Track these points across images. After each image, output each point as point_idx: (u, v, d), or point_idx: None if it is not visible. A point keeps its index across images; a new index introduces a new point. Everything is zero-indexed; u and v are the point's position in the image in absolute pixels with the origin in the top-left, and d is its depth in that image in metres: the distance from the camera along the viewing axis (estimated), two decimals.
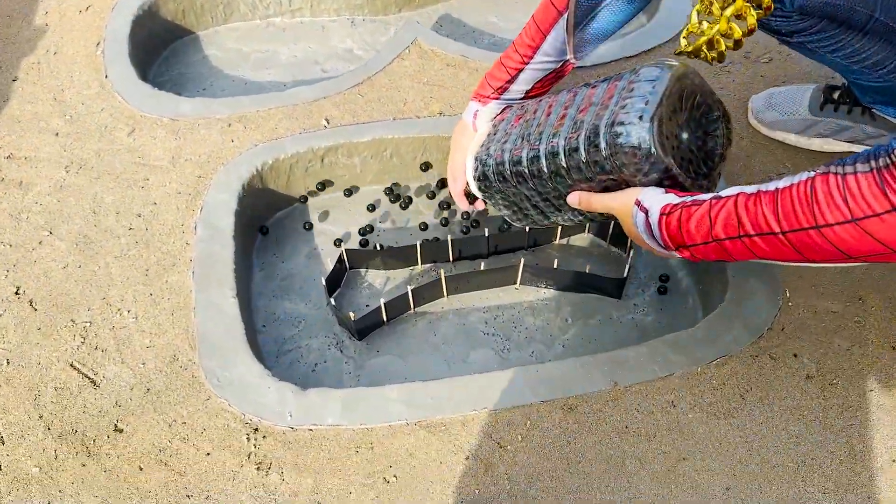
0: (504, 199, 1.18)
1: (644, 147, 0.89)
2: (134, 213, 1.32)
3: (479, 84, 1.22)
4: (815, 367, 1.11)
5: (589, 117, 0.97)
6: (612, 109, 0.94)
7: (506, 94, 1.19)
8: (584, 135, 0.96)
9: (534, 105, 1.14)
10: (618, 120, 0.91)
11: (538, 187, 1.08)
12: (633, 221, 0.92)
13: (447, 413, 1.07)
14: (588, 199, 1.00)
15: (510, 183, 1.11)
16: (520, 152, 1.07)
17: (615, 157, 0.92)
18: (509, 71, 1.17)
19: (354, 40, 1.83)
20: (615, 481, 1.01)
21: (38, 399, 1.09)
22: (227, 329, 1.16)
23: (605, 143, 0.92)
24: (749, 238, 0.81)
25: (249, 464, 1.03)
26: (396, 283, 1.40)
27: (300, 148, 1.42)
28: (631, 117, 0.90)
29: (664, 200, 0.89)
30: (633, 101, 0.92)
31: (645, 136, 0.89)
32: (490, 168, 1.14)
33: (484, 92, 1.21)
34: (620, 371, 1.11)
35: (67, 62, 1.59)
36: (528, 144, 1.06)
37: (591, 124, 0.95)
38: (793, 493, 1.00)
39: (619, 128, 0.91)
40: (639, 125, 0.89)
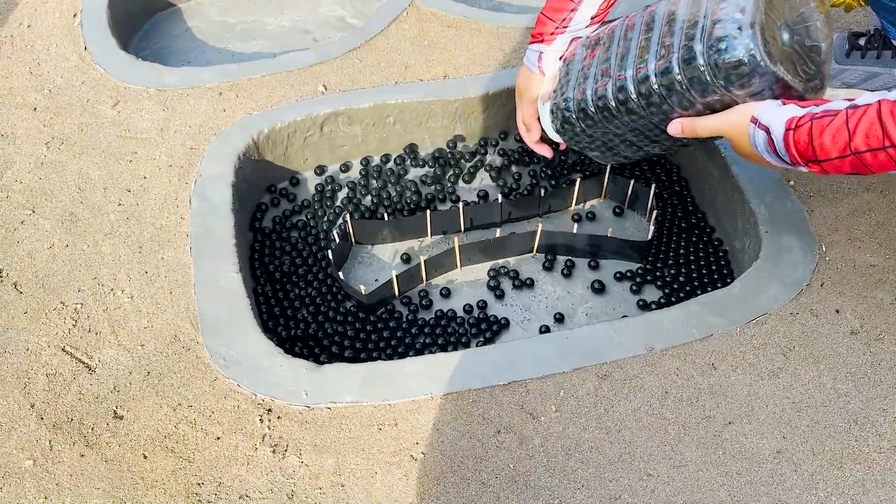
0: (591, 141, 1.09)
1: (751, 59, 0.81)
2: (123, 188, 1.23)
3: (537, 22, 1.11)
4: (858, 322, 1.05)
5: (678, 36, 0.88)
6: (703, 24, 0.85)
7: (572, 25, 1.08)
8: (677, 56, 0.87)
9: (606, 32, 1.04)
10: (715, 34, 0.83)
11: (630, 121, 0.99)
12: (752, 141, 0.85)
13: (474, 385, 1.00)
14: (692, 125, 0.92)
15: (597, 122, 1.03)
16: (604, 87, 0.98)
17: (719, 75, 0.84)
18: None
19: (345, 7, 1.74)
20: (658, 449, 0.94)
21: (28, 387, 1.00)
22: (231, 305, 1.08)
23: (705, 62, 0.84)
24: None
25: (264, 447, 0.95)
26: (406, 255, 1.33)
27: (297, 115, 1.33)
28: (729, 28, 0.82)
29: (786, 114, 0.82)
30: (726, 10, 0.83)
31: (750, 46, 0.81)
32: (572, 111, 1.05)
33: (545, 29, 1.09)
34: (655, 335, 1.04)
35: (43, 35, 1.49)
36: (612, 76, 0.97)
37: (684, 43, 0.87)
38: (847, 453, 0.94)
39: (719, 43, 0.82)
40: (741, 36, 0.81)
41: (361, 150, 1.42)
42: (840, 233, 1.14)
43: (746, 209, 1.18)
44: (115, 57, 1.44)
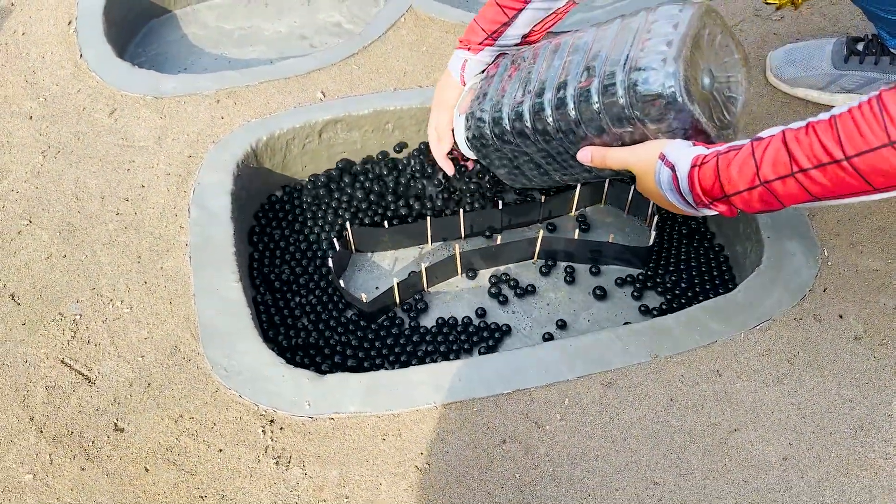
0: (500, 159, 1.06)
1: (669, 94, 0.80)
2: (120, 196, 1.22)
3: (468, 29, 1.08)
4: (862, 327, 1.05)
5: (601, 62, 0.87)
6: (628, 53, 0.84)
7: (501, 40, 1.06)
8: (597, 82, 0.86)
9: (532, 51, 1.02)
10: (638, 65, 0.82)
11: (542, 144, 0.97)
12: (656, 179, 0.84)
13: (479, 394, 0.99)
14: (602, 155, 0.90)
15: (510, 141, 1.00)
16: (521, 105, 0.96)
17: (636, 106, 0.83)
18: (506, 11, 1.04)
19: (342, 13, 1.73)
20: (664, 458, 0.94)
21: (27, 400, 0.99)
22: (232, 315, 1.07)
23: (624, 92, 0.83)
24: (804, 173, 0.74)
25: (267, 458, 0.94)
26: (406, 262, 1.32)
27: (296, 123, 1.32)
28: (653, 61, 0.81)
29: (693, 152, 0.81)
30: (653, 43, 0.83)
31: (670, 81, 0.80)
32: (486, 125, 1.01)
33: (474, 38, 1.07)
34: (659, 342, 1.04)
35: (38, 43, 1.48)
36: (530, 95, 0.95)
37: (606, 70, 0.85)
38: (853, 459, 0.94)
39: (640, 73, 0.81)
40: (662, 70, 0.80)
41: (360, 157, 1.41)
42: (842, 237, 1.14)
43: (747, 214, 1.18)
44: (111, 64, 1.42)
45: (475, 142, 1.05)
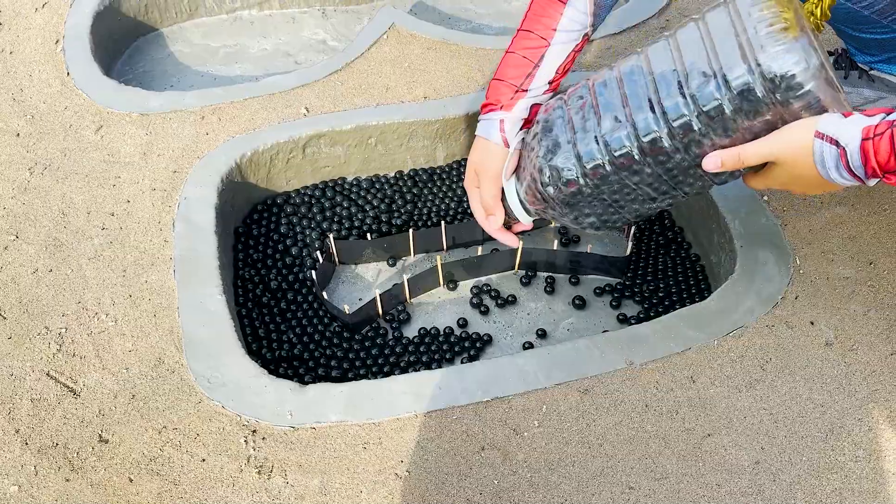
0: (592, 206, 0.94)
1: (813, 64, 0.74)
2: (106, 212, 1.23)
3: (491, 91, 1.01)
4: (833, 333, 1.07)
5: (705, 65, 0.80)
6: (738, 44, 0.77)
7: (532, 88, 0.99)
8: (716, 83, 0.78)
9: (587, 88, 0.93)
10: (764, 47, 0.75)
11: (653, 167, 0.86)
12: (817, 160, 0.77)
13: (458, 402, 1.01)
14: (736, 155, 0.81)
15: (612, 179, 0.89)
16: (616, 135, 0.86)
17: (777, 90, 0.75)
18: (530, 58, 0.98)
19: (327, 31, 1.76)
20: (640, 462, 0.96)
21: (12, 413, 1.00)
22: (216, 328, 1.09)
23: (758, 79, 0.76)
24: None
25: (249, 468, 0.96)
26: (389, 274, 1.34)
27: (280, 138, 1.35)
28: (778, 39, 0.75)
29: (859, 124, 0.74)
30: (765, 26, 0.76)
31: (808, 53, 0.74)
32: (574, 171, 0.90)
33: (503, 95, 0.99)
34: (635, 349, 1.06)
35: (25, 61, 1.50)
36: (623, 123, 0.86)
37: (721, 68, 0.78)
38: (824, 462, 0.96)
39: (774, 56, 0.75)
40: (794, 44, 0.74)
41: (344, 171, 1.43)
42: (813, 246, 1.17)
43: (721, 224, 1.21)
44: (97, 82, 1.45)
45: (563, 199, 0.93)
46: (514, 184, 0.99)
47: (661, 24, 1.57)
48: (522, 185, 0.98)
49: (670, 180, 0.89)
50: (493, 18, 1.82)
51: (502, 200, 1.01)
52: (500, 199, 1.01)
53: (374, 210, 1.37)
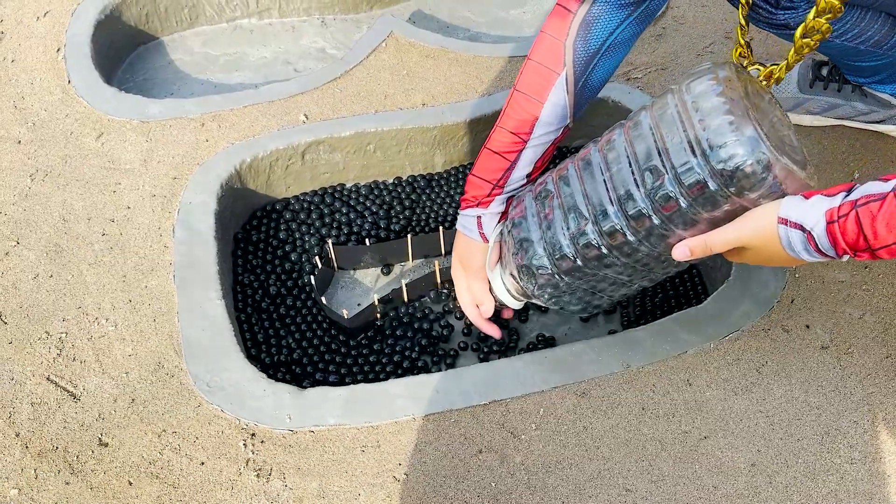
0: (572, 294, 0.98)
1: (762, 157, 0.75)
2: (106, 218, 1.24)
3: (469, 185, 1.03)
4: (828, 336, 1.08)
5: (659, 160, 0.81)
6: (687, 138, 0.79)
7: (508, 185, 1.01)
8: (668, 179, 0.80)
9: (553, 177, 0.96)
10: (712, 143, 0.76)
11: (624, 259, 0.90)
12: (785, 244, 0.77)
13: (456, 405, 1.02)
14: (702, 244, 0.82)
15: (587, 271, 0.92)
16: (583, 233, 0.89)
17: (730, 184, 0.76)
18: (506, 157, 0.99)
19: (326, 39, 1.78)
20: (636, 465, 0.96)
21: (13, 416, 1.01)
22: (215, 332, 1.09)
23: (709, 175, 0.77)
24: None
25: (248, 471, 0.96)
26: (387, 279, 1.35)
27: (279, 144, 1.36)
28: (726, 133, 0.75)
29: (820, 207, 0.74)
30: (711, 117, 0.77)
31: (757, 145, 0.75)
32: (548, 269, 0.94)
33: (479, 193, 1.02)
34: (632, 352, 1.06)
35: (27, 69, 1.51)
36: (589, 220, 0.89)
37: (673, 164, 0.80)
38: (819, 465, 0.96)
39: (721, 150, 0.75)
40: (743, 137, 0.75)
41: (342, 178, 1.44)
42: None
43: None
44: (98, 90, 1.46)
45: (543, 291, 0.98)
46: (498, 273, 1.04)
47: (657, 32, 1.59)
48: (506, 274, 1.03)
49: (643, 268, 0.91)
50: (491, 27, 1.83)
51: (490, 290, 1.06)
52: (488, 290, 1.06)
53: (372, 216, 1.38)
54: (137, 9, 1.70)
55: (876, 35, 1.07)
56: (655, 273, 0.94)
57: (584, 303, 1.01)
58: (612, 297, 1.00)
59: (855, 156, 1.30)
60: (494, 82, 1.48)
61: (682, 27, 1.60)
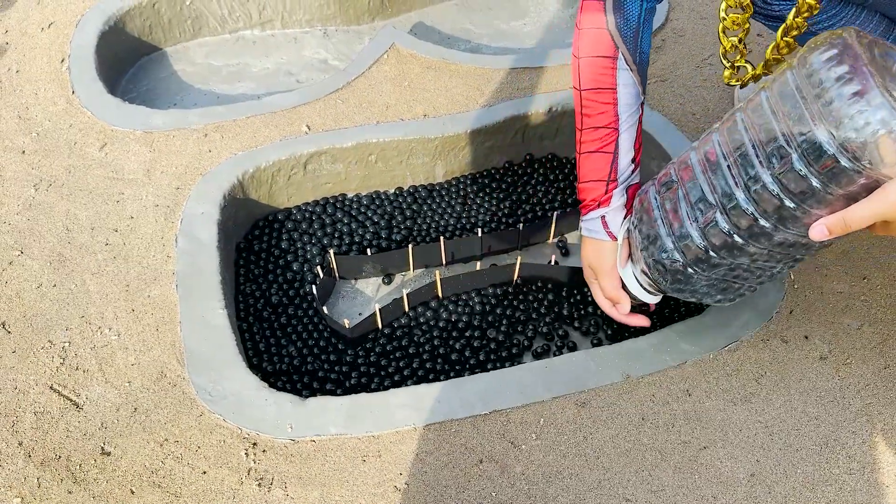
0: (709, 287, 0.96)
1: (893, 124, 0.70)
2: (110, 227, 1.25)
3: (582, 193, 1.04)
4: (827, 347, 1.09)
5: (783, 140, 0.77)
6: (809, 115, 0.75)
7: (621, 176, 1.02)
8: (796, 157, 0.76)
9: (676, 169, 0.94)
10: (838, 116, 0.72)
11: (759, 246, 0.85)
12: None
13: (457, 415, 1.02)
14: (841, 221, 0.77)
15: (719, 263, 0.89)
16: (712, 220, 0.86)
17: (862, 157, 0.72)
18: (606, 151, 1.01)
19: (328, 50, 1.79)
20: (636, 475, 0.97)
21: (16, 425, 1.01)
22: (217, 342, 1.10)
23: (838, 150, 0.73)
24: None
25: (250, 480, 0.97)
26: (389, 289, 1.36)
27: (282, 155, 1.37)
28: (851, 104, 0.71)
29: None
30: (836, 89, 0.72)
31: (884, 113, 0.70)
32: (680, 262, 0.92)
33: (596, 193, 1.03)
34: (631, 362, 1.07)
35: (31, 80, 1.52)
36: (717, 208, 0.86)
37: (799, 143, 0.76)
38: (818, 475, 0.97)
39: (849, 123, 0.71)
40: (871, 108, 0.71)
41: (344, 188, 1.45)
42: (807, 261, 1.18)
43: None
44: (102, 100, 1.47)
45: (676, 284, 0.96)
46: (630, 270, 1.02)
47: (656, 44, 1.60)
48: (637, 270, 1.01)
49: (781, 252, 0.86)
50: (492, 39, 1.85)
51: (624, 288, 1.04)
52: (622, 288, 1.05)
53: (374, 226, 1.39)
54: (141, 20, 1.71)
55: (874, 32, 1.08)
56: (796, 256, 0.89)
57: (721, 293, 0.97)
58: (753, 284, 0.95)
59: None
60: (495, 93, 1.49)
61: (681, 39, 1.61)
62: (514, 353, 1.23)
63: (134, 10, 1.68)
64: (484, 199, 1.45)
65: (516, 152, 1.51)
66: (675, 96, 1.48)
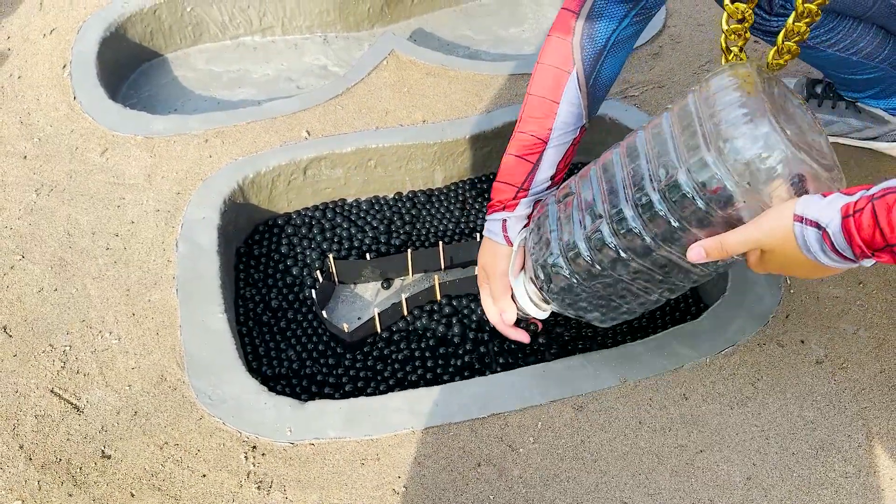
0: (590, 301, 0.96)
1: (774, 147, 0.72)
2: (111, 232, 1.26)
3: (494, 191, 1.05)
4: (823, 351, 1.10)
5: (675, 156, 0.79)
6: (702, 133, 0.77)
7: (533, 186, 1.02)
8: (683, 174, 0.77)
9: (576, 180, 0.96)
10: (725, 136, 0.74)
11: (638, 262, 0.87)
12: (800, 244, 0.72)
13: (455, 418, 1.03)
14: (718, 245, 0.78)
15: (599, 273, 0.90)
16: (599, 231, 0.87)
17: (743, 177, 0.74)
18: (529, 159, 1.01)
19: (328, 57, 1.80)
20: (633, 478, 0.98)
21: (17, 428, 1.02)
22: (217, 346, 1.11)
23: (722, 168, 0.74)
24: None
25: (249, 483, 0.97)
26: (388, 293, 1.37)
27: (281, 160, 1.38)
28: (740, 126, 0.73)
29: (836, 203, 0.70)
30: (727, 112, 0.75)
31: (773, 138, 0.72)
32: (565, 268, 0.92)
33: (505, 196, 1.03)
34: (628, 366, 1.08)
35: (33, 85, 1.53)
36: (603, 218, 0.87)
37: (687, 159, 0.77)
38: (814, 478, 0.97)
39: (734, 142, 0.73)
40: (758, 129, 0.73)
41: (344, 193, 1.46)
42: None
43: None
44: (103, 106, 1.48)
45: (559, 294, 0.96)
46: (521, 280, 1.02)
47: (654, 51, 1.61)
48: (527, 280, 1.01)
49: (660, 272, 0.88)
50: (491, 45, 1.86)
51: (513, 298, 1.04)
52: (511, 296, 1.04)
53: (373, 231, 1.40)
54: (142, 26, 1.73)
55: (868, 47, 1.10)
56: (675, 282, 0.91)
57: (601, 311, 0.98)
58: (632, 307, 0.97)
59: (849, 174, 1.32)
60: (494, 99, 1.50)
61: (678, 46, 1.62)
62: (511, 357, 1.23)
63: (135, 17, 1.70)
64: (482, 204, 1.46)
65: None
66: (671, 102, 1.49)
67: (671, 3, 1.74)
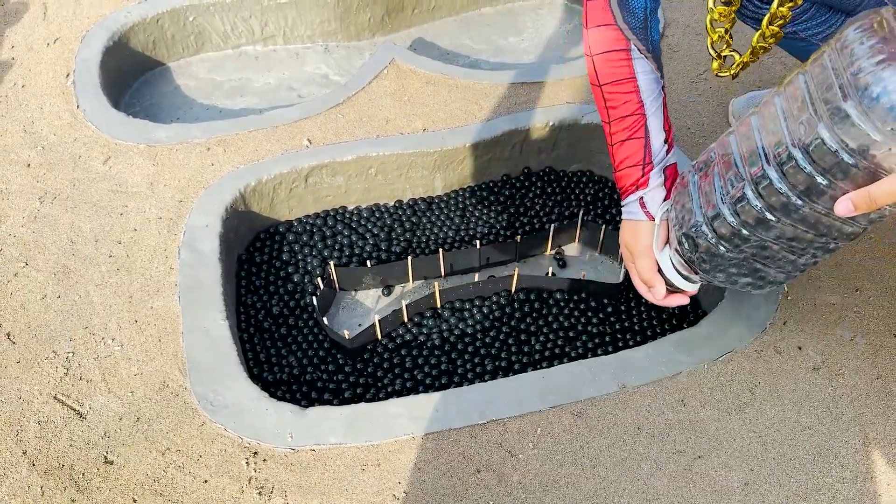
0: (738, 268, 0.93)
1: None
2: (113, 240, 1.27)
3: (620, 182, 1.05)
4: (820, 358, 1.10)
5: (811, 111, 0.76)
6: (839, 83, 0.74)
7: (655, 157, 1.02)
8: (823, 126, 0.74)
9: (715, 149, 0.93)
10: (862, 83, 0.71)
11: (785, 221, 0.83)
12: None
13: (455, 424, 1.03)
14: (865, 196, 0.75)
15: (747, 237, 0.87)
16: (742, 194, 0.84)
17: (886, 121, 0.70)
18: (637, 136, 1.02)
19: (329, 66, 1.82)
20: (632, 484, 0.98)
21: (20, 434, 1.03)
22: (218, 352, 1.12)
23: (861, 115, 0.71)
24: None
25: (250, 489, 0.98)
26: (388, 300, 1.37)
27: (283, 168, 1.39)
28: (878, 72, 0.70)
29: None
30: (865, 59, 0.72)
31: None
32: (709, 235, 0.89)
33: (633, 177, 1.03)
34: (627, 373, 1.09)
35: (37, 94, 1.55)
36: (746, 181, 0.84)
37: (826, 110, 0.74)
38: (812, 484, 0.98)
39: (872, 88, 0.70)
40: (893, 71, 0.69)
41: (344, 200, 1.47)
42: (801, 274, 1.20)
43: None
44: (106, 114, 1.49)
45: (706, 262, 0.93)
46: (666, 253, 1.01)
47: None
48: (672, 251, 0.99)
49: (807, 231, 0.84)
50: (490, 54, 1.87)
51: (660, 272, 1.02)
52: (657, 271, 1.03)
53: (373, 238, 1.41)
54: (145, 35, 1.74)
55: None
56: (827, 238, 0.86)
57: (749, 276, 0.95)
58: (783, 270, 0.93)
59: None
60: (494, 108, 1.51)
61: (675, 55, 1.64)
62: (512, 362, 1.24)
63: (138, 26, 1.71)
64: (482, 212, 1.47)
65: (514, 165, 1.54)
66: (670, 111, 1.51)
67: (669, 13, 1.75)
